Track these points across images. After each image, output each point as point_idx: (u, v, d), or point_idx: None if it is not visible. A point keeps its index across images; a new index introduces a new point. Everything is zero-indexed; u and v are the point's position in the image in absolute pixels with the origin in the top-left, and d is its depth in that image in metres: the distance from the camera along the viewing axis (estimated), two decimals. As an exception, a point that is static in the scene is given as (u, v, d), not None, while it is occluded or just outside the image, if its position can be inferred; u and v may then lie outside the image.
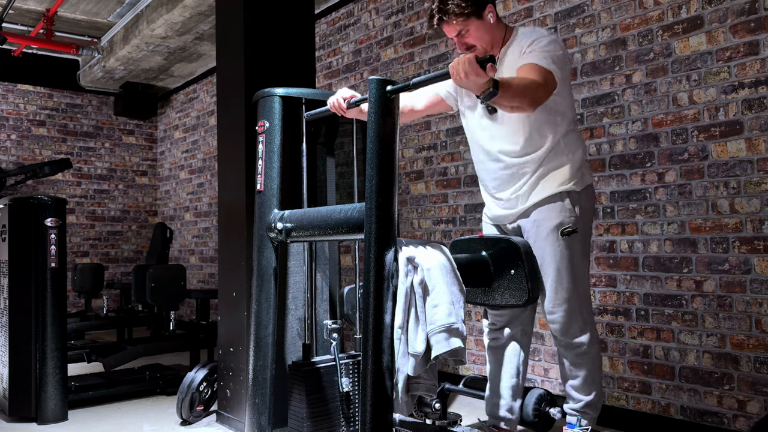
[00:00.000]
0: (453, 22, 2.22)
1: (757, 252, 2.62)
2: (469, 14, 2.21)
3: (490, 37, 2.28)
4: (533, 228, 2.30)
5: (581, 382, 2.35)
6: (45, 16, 5.82)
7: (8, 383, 3.28)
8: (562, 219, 2.26)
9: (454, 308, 1.90)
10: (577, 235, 2.27)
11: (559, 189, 2.27)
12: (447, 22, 2.23)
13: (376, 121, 1.80)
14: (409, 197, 4.29)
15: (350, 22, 4.83)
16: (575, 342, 2.31)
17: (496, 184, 2.39)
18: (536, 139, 2.27)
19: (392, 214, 1.78)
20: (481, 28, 2.25)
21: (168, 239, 5.90)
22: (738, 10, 2.69)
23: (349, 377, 2.24)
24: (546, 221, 2.27)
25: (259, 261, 2.32)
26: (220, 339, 3.21)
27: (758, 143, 2.63)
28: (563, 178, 2.28)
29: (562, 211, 2.27)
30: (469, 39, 2.26)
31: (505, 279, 2.21)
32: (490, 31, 2.28)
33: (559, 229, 2.25)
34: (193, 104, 7.15)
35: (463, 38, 2.26)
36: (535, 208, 2.30)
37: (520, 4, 3.58)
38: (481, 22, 2.24)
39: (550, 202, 2.28)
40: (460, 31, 2.24)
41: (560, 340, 2.34)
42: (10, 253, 3.34)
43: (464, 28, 2.23)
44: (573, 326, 2.29)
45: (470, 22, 2.22)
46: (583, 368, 2.34)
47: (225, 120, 3.26)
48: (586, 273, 2.34)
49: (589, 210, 2.36)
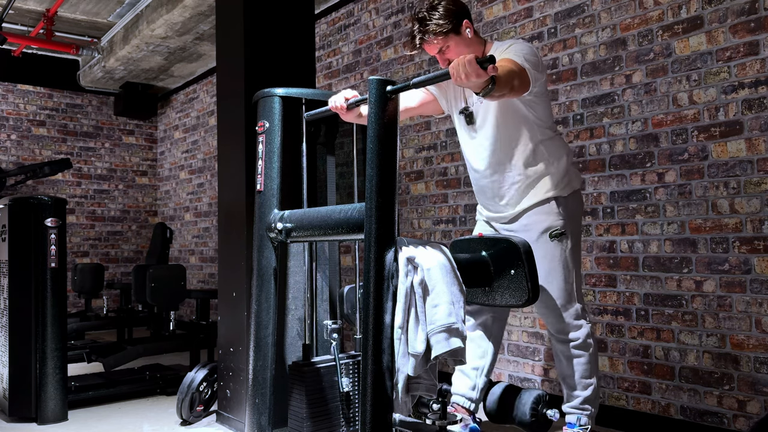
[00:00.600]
0: (434, 41, 2.30)
1: (757, 252, 2.62)
2: (447, 32, 2.29)
3: (469, 51, 2.35)
4: (523, 232, 2.37)
5: (578, 378, 2.41)
6: (45, 16, 5.82)
7: (8, 383, 3.28)
8: (550, 223, 2.36)
9: (454, 308, 1.89)
10: (566, 238, 2.36)
11: (546, 196, 2.37)
12: (428, 41, 2.32)
13: (376, 121, 1.80)
14: (409, 197, 4.29)
15: (350, 22, 4.83)
16: (569, 338, 2.40)
17: (485, 192, 2.49)
18: (513, 146, 2.37)
19: (392, 214, 1.78)
20: (460, 44, 2.33)
21: (168, 239, 5.90)
22: (738, 10, 2.69)
23: (349, 377, 2.23)
24: (535, 225, 2.38)
25: (259, 261, 2.32)
26: (220, 339, 3.21)
27: (758, 143, 2.63)
28: (549, 185, 2.38)
29: (550, 215, 2.37)
30: (450, 54, 2.34)
31: (505, 279, 2.21)
32: (470, 45, 2.35)
33: (547, 231, 2.35)
34: (193, 104, 7.15)
35: (445, 54, 2.34)
36: (524, 213, 2.40)
37: (520, 4, 3.58)
38: (460, 37, 2.33)
39: (537, 207, 2.38)
40: (441, 48, 2.33)
41: (555, 337, 2.44)
42: (10, 253, 3.34)
43: (444, 45, 2.32)
44: (566, 324, 2.38)
45: (449, 38, 2.31)
46: (578, 365, 2.41)
47: (225, 120, 3.26)
48: (578, 273, 2.42)
49: (577, 213, 2.46)
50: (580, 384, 2.41)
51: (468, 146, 2.49)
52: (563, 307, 2.37)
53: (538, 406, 2.48)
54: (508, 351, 3.63)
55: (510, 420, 2.55)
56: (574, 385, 2.42)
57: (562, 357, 2.44)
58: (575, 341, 2.39)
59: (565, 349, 2.42)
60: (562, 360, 2.44)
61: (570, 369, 2.42)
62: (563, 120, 3.33)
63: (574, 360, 2.41)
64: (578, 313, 2.39)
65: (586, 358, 2.40)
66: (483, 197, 2.53)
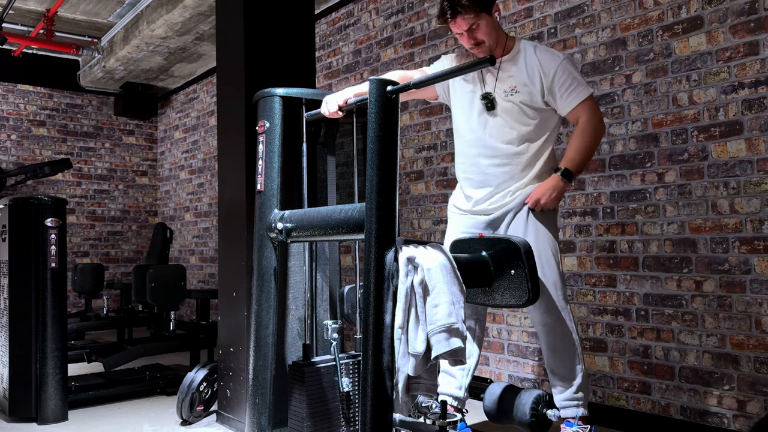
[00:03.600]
0: (466, 16, 2.31)
1: (757, 252, 2.62)
2: (481, 9, 2.32)
3: (497, 35, 2.41)
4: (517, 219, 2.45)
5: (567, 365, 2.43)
6: (45, 17, 5.82)
7: (8, 383, 3.28)
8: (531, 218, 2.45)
9: (455, 308, 1.89)
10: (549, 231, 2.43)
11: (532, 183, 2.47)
12: (461, 15, 2.32)
13: (376, 121, 1.80)
14: (409, 197, 4.29)
15: (350, 22, 4.83)
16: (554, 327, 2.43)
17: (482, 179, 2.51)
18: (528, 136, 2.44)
19: (392, 214, 1.78)
20: (490, 24, 2.37)
21: (168, 239, 5.90)
22: (738, 10, 2.69)
23: (349, 377, 2.23)
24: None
25: (259, 261, 2.32)
26: (220, 339, 3.21)
27: (758, 143, 2.63)
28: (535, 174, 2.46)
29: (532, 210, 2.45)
30: (480, 34, 2.36)
31: (505, 279, 2.21)
32: (497, 29, 2.41)
33: None
34: (193, 104, 7.15)
35: (474, 33, 2.36)
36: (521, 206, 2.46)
37: (520, 4, 3.58)
38: (491, 18, 2.37)
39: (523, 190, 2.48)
40: (472, 25, 2.34)
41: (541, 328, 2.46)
42: (11, 253, 3.34)
43: (476, 22, 2.33)
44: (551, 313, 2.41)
45: (482, 16, 2.33)
46: (564, 352, 2.43)
47: (225, 120, 3.26)
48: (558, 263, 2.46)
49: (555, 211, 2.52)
50: (570, 372, 2.43)
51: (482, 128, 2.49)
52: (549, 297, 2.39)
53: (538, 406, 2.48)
54: (508, 351, 3.63)
55: (510, 420, 2.55)
56: (564, 374, 2.44)
57: (547, 347, 2.47)
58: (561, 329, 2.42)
59: (550, 339, 2.44)
60: (548, 351, 2.47)
61: (559, 359, 2.44)
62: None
63: (561, 349, 2.43)
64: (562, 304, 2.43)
65: (571, 346, 2.43)
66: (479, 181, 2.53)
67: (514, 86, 2.42)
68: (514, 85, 2.42)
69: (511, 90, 2.42)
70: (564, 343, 2.43)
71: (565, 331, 2.42)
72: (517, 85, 2.42)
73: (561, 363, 2.44)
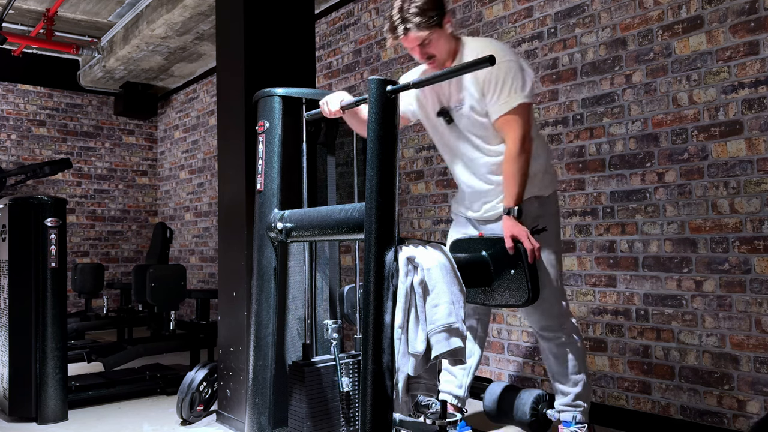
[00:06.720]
0: (418, 34, 2.22)
1: (757, 252, 2.62)
2: (433, 25, 2.23)
3: (448, 47, 2.31)
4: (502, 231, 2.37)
5: (567, 375, 2.42)
6: (45, 16, 5.82)
7: (8, 383, 3.28)
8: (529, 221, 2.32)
9: (454, 308, 1.89)
10: (547, 235, 2.34)
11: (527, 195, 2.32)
12: (411, 34, 2.23)
13: (376, 121, 1.80)
14: (409, 197, 4.29)
15: (350, 22, 4.83)
16: (555, 335, 2.41)
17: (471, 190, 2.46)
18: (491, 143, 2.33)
19: (392, 214, 1.78)
20: (442, 38, 2.28)
21: (168, 239, 5.90)
22: (738, 10, 2.69)
23: (349, 377, 2.23)
24: None
25: (259, 261, 2.32)
26: (220, 339, 3.21)
27: (758, 143, 2.63)
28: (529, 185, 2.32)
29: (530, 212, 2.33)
30: (431, 49, 2.28)
31: (505, 279, 2.21)
32: (449, 41, 2.31)
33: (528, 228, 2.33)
34: (193, 104, 7.15)
35: (426, 48, 2.27)
36: None
37: (520, 4, 3.58)
38: (442, 31, 2.27)
39: None
40: (424, 41, 2.25)
41: (541, 335, 2.45)
42: (11, 253, 3.34)
43: (428, 38, 2.24)
44: (550, 320, 2.39)
45: (434, 32, 2.24)
46: (567, 361, 2.41)
47: (225, 120, 3.26)
48: (559, 270, 2.42)
49: (555, 213, 2.47)
50: (570, 381, 2.43)
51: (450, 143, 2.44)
52: (545, 303, 2.35)
53: (538, 406, 2.49)
54: (508, 351, 3.63)
55: (510, 420, 2.56)
56: (564, 382, 2.44)
57: (549, 354, 2.45)
58: (562, 338, 2.40)
59: (552, 347, 2.43)
60: (550, 357, 2.45)
61: (559, 366, 2.43)
62: (563, 120, 3.33)
63: (562, 357, 2.42)
64: (561, 310, 2.40)
65: (573, 354, 2.41)
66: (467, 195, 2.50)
67: (462, 97, 2.31)
68: (462, 95, 2.31)
69: (459, 102, 2.33)
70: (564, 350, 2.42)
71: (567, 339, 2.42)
72: (464, 94, 2.31)
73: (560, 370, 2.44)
